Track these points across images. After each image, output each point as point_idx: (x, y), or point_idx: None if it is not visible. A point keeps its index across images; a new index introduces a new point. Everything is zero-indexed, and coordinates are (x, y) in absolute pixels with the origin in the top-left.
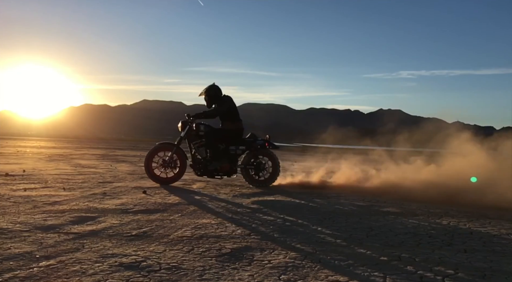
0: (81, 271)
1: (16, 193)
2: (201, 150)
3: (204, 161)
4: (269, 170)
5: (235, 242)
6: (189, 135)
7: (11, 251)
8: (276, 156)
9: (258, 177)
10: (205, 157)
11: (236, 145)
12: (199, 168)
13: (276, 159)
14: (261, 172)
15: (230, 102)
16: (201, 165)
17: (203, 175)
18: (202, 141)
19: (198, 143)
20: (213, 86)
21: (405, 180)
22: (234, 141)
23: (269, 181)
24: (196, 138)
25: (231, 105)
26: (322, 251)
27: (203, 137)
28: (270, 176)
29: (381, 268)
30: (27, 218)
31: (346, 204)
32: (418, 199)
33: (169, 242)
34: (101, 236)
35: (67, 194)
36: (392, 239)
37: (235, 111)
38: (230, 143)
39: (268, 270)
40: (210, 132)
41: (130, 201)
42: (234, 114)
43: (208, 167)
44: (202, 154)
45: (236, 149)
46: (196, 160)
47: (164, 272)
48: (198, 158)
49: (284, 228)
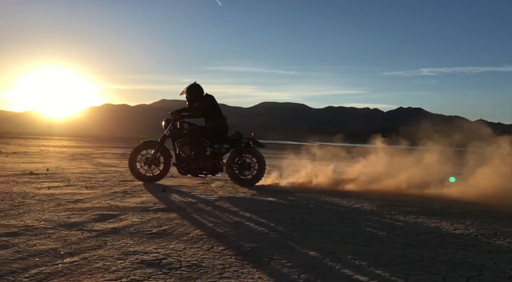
0: (104, 267)
1: (40, 191)
2: (185, 149)
3: (187, 160)
4: (255, 169)
5: (254, 241)
6: (173, 134)
7: (37, 248)
8: (262, 155)
9: (243, 176)
10: (189, 156)
11: (220, 144)
12: (183, 167)
13: (261, 158)
14: (245, 171)
15: (212, 101)
16: (184, 164)
17: (187, 173)
18: (186, 139)
19: (182, 141)
20: (194, 85)
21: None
22: (218, 139)
23: (254, 180)
24: (180, 136)
25: (213, 103)
26: (342, 251)
27: (186, 136)
28: (255, 175)
29: (402, 268)
30: (52, 215)
31: (366, 204)
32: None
33: (189, 240)
34: (122, 234)
35: (89, 193)
36: (413, 239)
37: (217, 109)
38: (214, 141)
39: (287, 269)
40: (194, 130)
41: (150, 199)
42: (216, 112)
43: (191, 166)
44: (186, 153)
45: (220, 148)
46: (180, 158)
47: (185, 269)
48: (183, 156)
49: (303, 227)
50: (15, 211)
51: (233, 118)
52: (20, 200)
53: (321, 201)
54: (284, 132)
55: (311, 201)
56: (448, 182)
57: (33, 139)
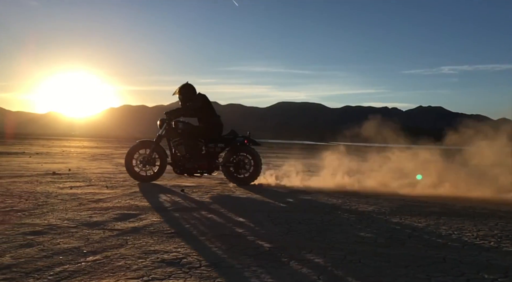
0: (126, 266)
1: (63, 191)
2: (180, 148)
3: (183, 159)
4: (251, 167)
5: (273, 241)
6: (168, 133)
7: (61, 246)
8: (258, 154)
9: (238, 174)
10: (184, 155)
11: (215, 143)
12: (178, 166)
13: (257, 157)
14: (241, 169)
15: (204, 100)
16: (180, 163)
17: (182, 173)
18: (180, 139)
19: (177, 141)
20: (186, 85)
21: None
22: (212, 138)
23: (250, 178)
24: (175, 136)
25: (205, 102)
26: (362, 251)
27: (181, 135)
28: (251, 173)
29: (425, 269)
30: (74, 215)
31: (385, 204)
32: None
33: (208, 239)
34: (143, 233)
35: (110, 192)
36: (435, 240)
37: (210, 108)
38: (208, 140)
39: (307, 270)
40: (188, 130)
41: (169, 199)
42: (209, 111)
43: (186, 165)
44: (181, 152)
45: (215, 147)
46: (175, 158)
47: (204, 269)
48: (178, 155)
49: (322, 227)
50: (39, 210)
51: (249, 118)
52: (44, 199)
53: (339, 201)
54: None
55: (328, 201)
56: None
57: (55, 140)
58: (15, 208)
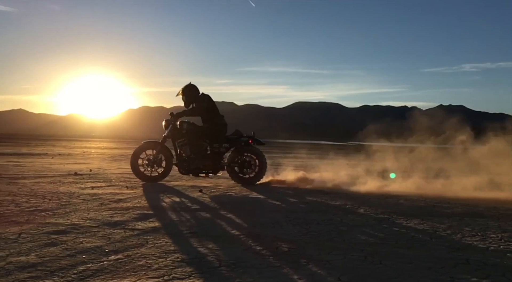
0: (147, 265)
1: (84, 191)
2: (185, 148)
3: (188, 160)
4: (256, 167)
5: (292, 241)
6: (174, 134)
7: (83, 245)
8: (263, 153)
9: (243, 175)
10: (189, 155)
11: (219, 143)
12: (183, 167)
13: (262, 156)
14: (246, 169)
15: (208, 100)
16: (185, 164)
17: (188, 173)
18: (185, 139)
19: (182, 141)
20: (189, 85)
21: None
22: (217, 138)
23: (255, 179)
24: (180, 136)
25: (209, 103)
26: (383, 253)
27: (186, 135)
28: (256, 174)
29: (448, 271)
30: (96, 214)
31: (406, 205)
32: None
33: (226, 239)
34: (163, 233)
35: (130, 192)
36: (458, 242)
37: (214, 108)
38: (213, 140)
39: (327, 271)
40: (193, 130)
41: (188, 199)
42: (214, 112)
43: (191, 166)
44: (186, 152)
45: (219, 147)
46: (181, 158)
47: (224, 268)
48: (183, 156)
49: (341, 228)
50: (62, 210)
51: (266, 118)
52: (66, 199)
53: (358, 202)
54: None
55: (347, 202)
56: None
57: (76, 141)
58: (39, 208)
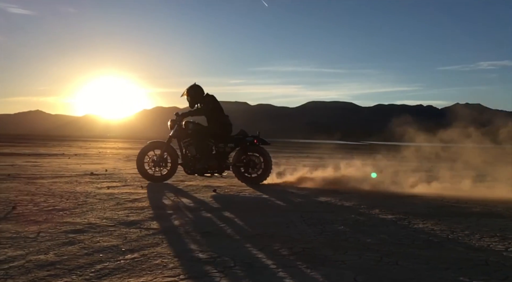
0: (162, 264)
1: (101, 190)
2: (190, 149)
3: (193, 160)
4: (261, 167)
5: (307, 241)
6: (179, 134)
7: (100, 244)
8: (268, 153)
9: (249, 174)
10: (194, 155)
11: (224, 143)
12: (189, 167)
13: (267, 156)
14: (251, 169)
15: (213, 101)
16: (190, 163)
17: (193, 173)
18: (191, 139)
19: (187, 141)
20: (194, 86)
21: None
22: (222, 138)
23: (261, 178)
24: (185, 136)
25: (214, 103)
26: (399, 253)
27: (191, 135)
28: (261, 173)
29: (466, 272)
30: (112, 214)
31: (422, 205)
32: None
33: (241, 239)
34: (178, 232)
35: (145, 192)
36: (476, 243)
37: (219, 108)
38: (218, 140)
39: (342, 271)
40: (198, 130)
41: (202, 199)
42: (218, 112)
43: (196, 165)
44: (192, 152)
45: (224, 147)
46: (186, 158)
47: (239, 268)
48: (189, 156)
49: (356, 228)
50: (79, 209)
51: (278, 118)
52: (83, 199)
53: (373, 202)
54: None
55: (362, 202)
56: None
57: (91, 141)
58: (57, 207)
